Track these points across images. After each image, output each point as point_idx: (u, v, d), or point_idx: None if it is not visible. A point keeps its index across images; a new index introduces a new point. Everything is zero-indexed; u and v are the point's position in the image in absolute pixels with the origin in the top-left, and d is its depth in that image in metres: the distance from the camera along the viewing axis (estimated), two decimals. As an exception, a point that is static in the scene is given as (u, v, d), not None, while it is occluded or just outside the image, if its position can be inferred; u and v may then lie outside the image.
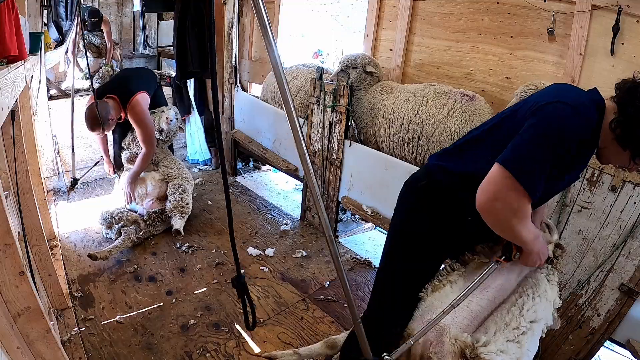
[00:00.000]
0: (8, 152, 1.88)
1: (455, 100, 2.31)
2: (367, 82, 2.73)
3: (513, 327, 1.29)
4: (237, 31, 3.83)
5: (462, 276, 1.43)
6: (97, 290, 2.37)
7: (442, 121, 2.31)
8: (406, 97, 2.49)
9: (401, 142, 2.52)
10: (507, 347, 1.25)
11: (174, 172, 3.12)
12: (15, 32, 1.54)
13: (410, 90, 2.52)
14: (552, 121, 1.07)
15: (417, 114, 2.41)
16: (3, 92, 1.15)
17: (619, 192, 1.70)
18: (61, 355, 1.28)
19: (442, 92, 2.40)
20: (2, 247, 1.10)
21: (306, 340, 2.08)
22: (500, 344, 1.25)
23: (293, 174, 3.50)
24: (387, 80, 2.86)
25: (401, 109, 2.48)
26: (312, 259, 2.83)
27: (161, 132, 3.08)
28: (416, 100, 2.43)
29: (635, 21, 1.87)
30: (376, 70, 2.70)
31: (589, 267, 1.83)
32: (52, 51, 3.36)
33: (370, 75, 2.71)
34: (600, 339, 1.84)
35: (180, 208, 2.97)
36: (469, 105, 2.28)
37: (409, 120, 2.44)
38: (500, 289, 1.38)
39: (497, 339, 1.26)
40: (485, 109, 2.28)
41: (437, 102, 2.36)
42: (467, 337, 1.26)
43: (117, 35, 5.69)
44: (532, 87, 1.96)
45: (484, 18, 2.43)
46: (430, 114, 2.36)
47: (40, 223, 1.99)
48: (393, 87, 2.66)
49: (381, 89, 2.69)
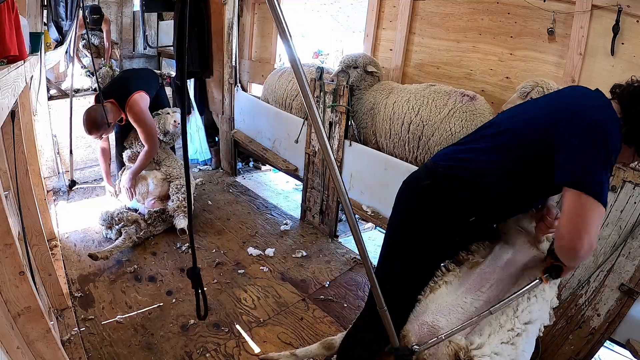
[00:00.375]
0: (8, 152, 1.88)
1: (455, 100, 2.31)
2: (368, 82, 2.73)
3: (507, 329, 1.28)
4: (237, 31, 3.83)
5: (457, 276, 1.42)
6: (97, 290, 2.37)
7: (442, 121, 2.31)
8: (407, 97, 2.49)
9: (402, 142, 2.52)
10: (501, 349, 1.24)
11: (176, 172, 3.12)
12: (15, 32, 1.54)
13: (411, 90, 2.52)
14: (599, 127, 1.08)
15: (417, 114, 2.41)
16: (3, 92, 1.15)
17: (619, 192, 1.69)
18: (61, 355, 1.28)
19: (442, 92, 2.40)
20: (2, 247, 1.10)
21: (306, 340, 2.08)
22: (495, 346, 1.24)
23: (293, 174, 3.50)
24: (387, 80, 2.86)
25: (402, 109, 2.48)
26: (312, 259, 2.83)
27: (166, 134, 3.08)
28: (417, 100, 2.43)
29: (635, 21, 1.87)
30: (377, 70, 2.70)
31: (589, 267, 1.83)
32: (52, 51, 3.35)
33: (371, 75, 2.71)
34: (600, 339, 1.84)
35: (183, 208, 2.97)
36: (469, 105, 2.28)
37: (410, 120, 2.44)
38: (495, 290, 1.38)
39: (492, 341, 1.25)
40: (486, 109, 2.28)
41: (437, 102, 2.36)
42: (461, 340, 1.26)
43: (117, 35, 5.68)
44: (532, 83, 1.97)
45: (484, 18, 2.43)
46: (430, 114, 2.36)
47: (40, 223, 1.98)
48: (393, 87, 2.66)
49: (381, 89, 2.69)
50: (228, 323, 2.18)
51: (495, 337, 1.26)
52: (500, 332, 1.28)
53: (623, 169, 1.65)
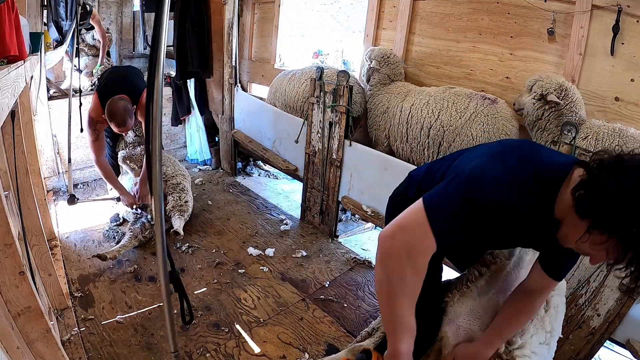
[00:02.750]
0: (8, 152, 1.88)
1: (477, 103, 2.27)
2: (378, 79, 2.74)
3: (546, 330, 1.32)
4: (237, 31, 3.83)
5: (485, 280, 1.46)
6: (97, 290, 2.37)
7: (464, 126, 2.27)
8: (425, 100, 2.44)
9: (420, 147, 2.47)
10: (539, 349, 1.28)
11: (171, 170, 3.11)
12: (15, 32, 1.54)
13: (430, 93, 2.47)
14: (469, 181, 1.04)
15: (437, 119, 2.36)
16: (3, 92, 1.15)
17: (619, 192, 1.69)
18: (61, 355, 1.29)
19: (463, 94, 2.35)
20: (2, 247, 1.10)
21: (306, 340, 2.08)
22: (534, 346, 1.28)
23: (293, 174, 3.50)
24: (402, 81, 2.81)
25: (420, 112, 2.43)
26: (312, 259, 2.83)
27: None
28: (436, 103, 2.38)
29: (635, 21, 1.87)
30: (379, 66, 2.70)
31: (589, 267, 1.82)
32: (52, 51, 3.35)
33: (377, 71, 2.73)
34: (600, 339, 1.84)
35: (179, 207, 2.97)
36: (491, 108, 2.23)
37: (430, 125, 2.39)
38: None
39: (532, 341, 1.28)
40: (508, 112, 2.23)
41: (458, 105, 2.31)
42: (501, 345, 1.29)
43: (117, 35, 5.67)
44: (537, 77, 2.03)
45: (484, 18, 2.43)
46: (451, 118, 2.31)
47: (40, 223, 1.98)
48: (410, 90, 2.61)
49: (397, 92, 2.65)
50: (228, 323, 2.18)
51: (535, 338, 1.30)
52: (539, 333, 1.31)
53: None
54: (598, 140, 1.86)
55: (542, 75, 2.03)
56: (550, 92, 1.95)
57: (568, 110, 1.96)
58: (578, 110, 1.96)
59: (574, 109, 1.96)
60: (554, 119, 2.00)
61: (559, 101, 1.93)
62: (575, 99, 1.95)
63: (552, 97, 1.94)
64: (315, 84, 2.87)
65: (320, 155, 3.02)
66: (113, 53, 5.56)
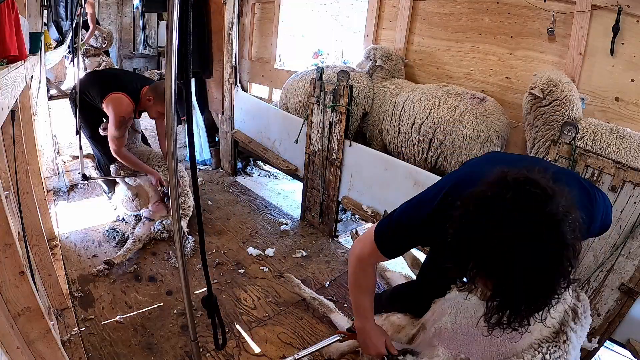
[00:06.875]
0: (8, 152, 1.88)
1: (467, 102, 2.30)
2: (380, 75, 2.78)
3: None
4: (237, 31, 3.83)
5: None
6: (97, 290, 2.37)
7: (454, 124, 2.30)
8: (418, 96, 2.46)
9: (411, 143, 2.50)
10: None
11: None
12: (15, 32, 1.54)
13: (423, 90, 2.50)
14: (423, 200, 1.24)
15: (429, 116, 2.39)
16: (3, 92, 1.15)
17: (619, 192, 1.69)
18: (61, 355, 1.29)
19: (454, 93, 2.38)
20: (2, 247, 1.10)
21: (306, 340, 2.08)
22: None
23: (293, 174, 3.50)
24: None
25: (413, 108, 2.46)
26: (312, 259, 2.83)
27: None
28: (428, 101, 2.41)
29: (635, 21, 1.87)
30: (384, 64, 2.73)
31: (589, 267, 1.82)
32: (52, 51, 3.35)
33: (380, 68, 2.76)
34: (600, 339, 1.84)
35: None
36: (479, 106, 2.26)
37: (421, 121, 2.42)
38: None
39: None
40: (496, 109, 2.26)
41: (449, 103, 2.34)
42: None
43: (117, 35, 5.67)
44: (540, 75, 2.01)
45: (484, 18, 2.43)
46: (442, 116, 2.34)
47: (40, 223, 1.98)
48: (404, 86, 2.65)
49: (391, 87, 2.68)
50: (228, 323, 2.18)
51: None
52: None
53: (623, 168, 1.65)
54: (595, 141, 1.86)
55: (546, 70, 2.01)
56: (537, 85, 1.93)
57: (553, 108, 1.93)
58: (567, 109, 1.92)
59: (560, 108, 1.92)
60: (540, 115, 1.98)
61: (539, 96, 1.92)
62: (563, 97, 1.91)
63: (536, 91, 1.92)
64: (315, 83, 2.87)
65: (320, 155, 3.02)
66: (113, 53, 5.57)
